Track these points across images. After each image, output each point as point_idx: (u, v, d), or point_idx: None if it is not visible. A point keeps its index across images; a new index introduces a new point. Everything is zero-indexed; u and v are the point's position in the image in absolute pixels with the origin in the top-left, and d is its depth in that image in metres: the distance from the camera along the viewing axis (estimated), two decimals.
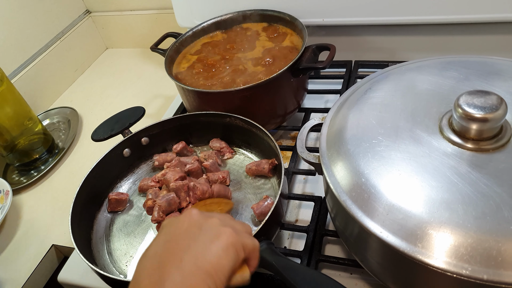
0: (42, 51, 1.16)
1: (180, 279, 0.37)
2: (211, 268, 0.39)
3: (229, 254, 0.41)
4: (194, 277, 0.37)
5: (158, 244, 0.42)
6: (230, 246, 0.41)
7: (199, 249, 0.40)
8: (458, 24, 0.87)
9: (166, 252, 0.40)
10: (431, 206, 0.44)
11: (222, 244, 0.41)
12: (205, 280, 0.38)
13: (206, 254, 0.40)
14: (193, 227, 0.43)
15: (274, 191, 0.72)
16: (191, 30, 0.93)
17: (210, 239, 0.41)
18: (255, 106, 0.78)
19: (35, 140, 0.98)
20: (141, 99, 1.10)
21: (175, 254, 0.40)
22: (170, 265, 0.38)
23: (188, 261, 0.39)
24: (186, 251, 0.40)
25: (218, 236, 0.42)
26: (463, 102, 0.47)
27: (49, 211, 0.87)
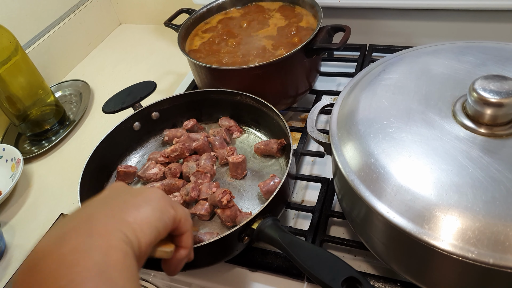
0: (56, 23, 1.16)
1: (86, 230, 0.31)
2: (130, 218, 0.34)
3: (155, 204, 0.36)
4: (107, 225, 0.32)
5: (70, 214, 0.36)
6: (157, 199, 0.37)
7: (118, 204, 0.36)
8: (477, 10, 0.84)
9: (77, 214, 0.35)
10: (440, 188, 0.43)
11: (147, 196, 0.37)
12: (121, 228, 0.32)
13: (126, 206, 0.35)
14: (115, 191, 0.39)
15: (282, 171, 0.72)
16: (206, 6, 0.92)
17: (133, 195, 0.37)
18: (266, 85, 0.78)
19: (47, 111, 0.99)
20: (153, 75, 1.10)
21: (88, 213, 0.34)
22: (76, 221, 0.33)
23: (102, 215, 0.33)
24: (102, 208, 0.35)
25: (142, 193, 0.38)
26: (478, 86, 0.47)
27: (59, 181, 0.88)
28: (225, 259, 0.60)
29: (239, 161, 0.70)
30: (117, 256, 0.29)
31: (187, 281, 0.64)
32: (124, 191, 0.38)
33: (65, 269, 0.27)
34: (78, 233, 0.30)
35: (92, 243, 0.29)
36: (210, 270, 0.63)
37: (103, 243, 0.30)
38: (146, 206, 0.35)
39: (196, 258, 0.58)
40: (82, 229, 0.31)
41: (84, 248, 0.28)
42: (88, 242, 0.29)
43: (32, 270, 0.28)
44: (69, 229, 0.31)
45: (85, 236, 0.30)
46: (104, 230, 0.31)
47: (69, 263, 0.27)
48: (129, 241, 0.31)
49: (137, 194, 0.37)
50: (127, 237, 0.31)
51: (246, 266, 0.63)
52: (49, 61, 1.14)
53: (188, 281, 0.64)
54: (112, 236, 0.31)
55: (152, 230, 0.34)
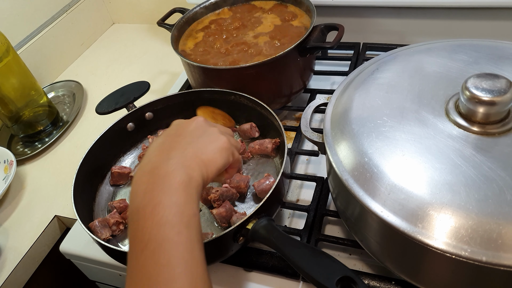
0: (48, 23, 1.15)
1: (182, 159, 0.46)
2: (206, 160, 0.48)
3: (222, 155, 0.50)
4: (193, 161, 0.46)
5: (168, 135, 0.50)
6: (224, 150, 0.50)
7: (200, 145, 0.49)
8: (470, 8, 0.85)
9: (174, 142, 0.49)
10: (433, 187, 0.44)
11: (218, 146, 0.50)
12: (200, 166, 0.46)
13: (205, 150, 0.49)
14: (198, 129, 0.51)
15: (276, 170, 0.72)
16: (199, 6, 0.92)
17: (210, 140, 0.50)
18: (260, 84, 0.77)
19: (39, 112, 0.98)
20: (147, 74, 1.10)
21: (181, 144, 0.48)
22: (176, 150, 0.47)
23: (190, 151, 0.47)
24: (190, 144, 0.48)
25: (216, 140, 0.51)
26: (471, 84, 0.47)
27: (52, 183, 0.88)
28: (221, 260, 0.60)
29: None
30: (195, 183, 0.45)
31: None
32: (205, 131, 0.51)
33: (168, 179, 0.43)
34: (177, 161, 0.45)
35: (184, 171, 0.44)
36: None
37: (190, 172, 0.45)
38: (218, 154, 0.49)
39: None
40: (180, 158, 0.46)
41: (180, 172, 0.44)
42: (182, 169, 0.44)
43: (148, 173, 0.44)
44: (172, 156, 0.46)
45: (182, 164, 0.45)
46: (191, 165, 0.46)
47: (170, 176, 0.43)
48: (202, 176, 0.46)
49: (214, 140, 0.51)
50: (202, 173, 0.46)
51: (241, 266, 0.63)
52: (41, 62, 1.13)
53: None
54: (195, 170, 0.45)
55: (217, 170, 0.49)
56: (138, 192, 0.43)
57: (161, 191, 0.42)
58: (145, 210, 0.41)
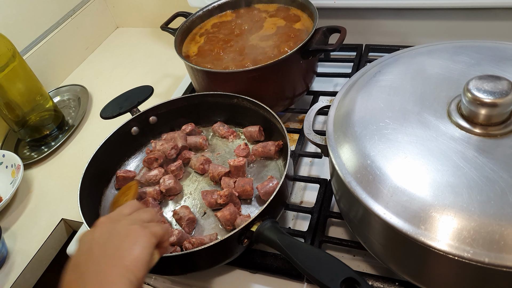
0: (53, 28, 1.16)
1: (99, 281, 0.40)
2: (128, 263, 0.42)
3: (142, 246, 0.44)
4: (113, 275, 0.41)
5: (78, 256, 0.45)
6: (141, 239, 0.44)
7: (113, 250, 0.43)
8: (472, 9, 0.85)
9: (85, 261, 0.43)
10: (435, 189, 0.44)
11: (133, 240, 0.44)
12: (124, 274, 0.41)
13: (121, 252, 0.43)
14: (104, 234, 0.46)
15: (280, 173, 0.73)
16: (202, 10, 0.93)
17: (121, 239, 0.44)
18: (263, 87, 0.78)
19: (45, 116, 0.99)
20: (151, 78, 1.11)
21: (92, 261, 0.43)
22: (89, 273, 0.41)
23: (105, 263, 0.42)
24: (102, 256, 0.43)
25: (128, 235, 0.45)
26: (472, 86, 0.47)
27: (59, 186, 0.89)
28: (225, 262, 0.61)
29: (241, 164, 0.70)
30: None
31: (188, 283, 0.65)
32: (113, 232, 0.46)
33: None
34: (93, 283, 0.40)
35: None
36: (211, 273, 0.64)
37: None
38: (136, 248, 0.43)
39: (197, 261, 0.59)
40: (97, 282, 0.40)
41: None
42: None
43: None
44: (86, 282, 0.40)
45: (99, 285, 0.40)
46: (112, 280, 0.40)
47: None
48: (131, 282, 0.40)
49: (125, 235, 0.45)
50: (130, 280, 0.41)
51: (246, 268, 0.63)
52: (47, 67, 1.14)
53: (189, 283, 0.65)
54: (120, 284, 0.40)
55: (145, 264, 0.43)
56: None
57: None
58: None
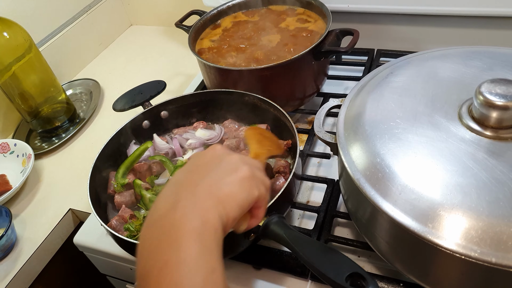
0: (69, 22, 1.18)
1: (192, 202, 0.39)
2: (223, 196, 0.40)
3: (243, 187, 0.42)
4: (206, 201, 0.39)
5: (180, 173, 0.44)
6: (244, 180, 0.42)
7: (215, 178, 0.42)
8: (485, 17, 0.85)
9: (185, 180, 0.42)
10: (444, 188, 0.44)
11: (238, 177, 0.42)
12: (216, 206, 0.39)
13: (221, 183, 0.41)
14: (214, 160, 0.44)
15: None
16: (216, 8, 0.94)
17: (228, 171, 0.43)
18: (274, 86, 0.79)
19: (58, 108, 1.00)
20: (163, 75, 1.12)
21: (192, 181, 0.41)
22: (185, 190, 0.40)
23: (202, 188, 0.40)
24: (203, 179, 0.41)
25: (236, 170, 0.43)
26: (484, 89, 0.47)
27: (68, 177, 0.90)
28: (231, 256, 0.61)
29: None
30: (211, 228, 0.37)
31: None
32: (222, 161, 0.44)
33: (175, 229, 0.36)
34: (186, 204, 0.38)
35: (195, 214, 0.37)
36: None
37: (203, 215, 0.38)
38: (237, 186, 0.42)
39: None
40: (189, 201, 0.39)
41: (189, 216, 0.37)
42: (192, 213, 0.38)
43: (153, 225, 0.38)
44: (180, 198, 0.39)
45: (191, 206, 0.38)
46: (204, 206, 0.39)
47: (178, 226, 0.36)
48: (220, 216, 0.39)
49: (232, 170, 0.43)
50: (220, 213, 0.39)
51: (251, 263, 0.64)
52: (61, 60, 1.16)
53: None
54: (209, 211, 0.38)
55: (238, 208, 0.41)
56: (143, 251, 0.37)
57: (168, 247, 0.35)
58: (150, 274, 0.34)
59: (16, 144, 0.92)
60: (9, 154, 0.93)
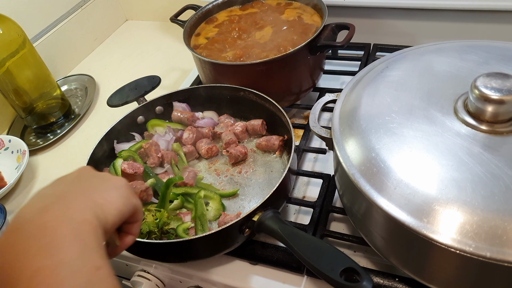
0: (64, 17, 1.17)
1: (64, 205, 0.35)
2: (100, 199, 0.37)
3: (120, 193, 0.40)
4: (80, 204, 0.36)
5: (46, 187, 0.39)
6: (121, 188, 0.40)
7: (89, 186, 0.39)
8: (482, 11, 0.85)
9: (53, 190, 0.38)
10: (439, 183, 0.44)
11: (113, 184, 0.40)
12: (92, 207, 0.36)
13: (97, 189, 0.38)
14: (84, 175, 0.42)
15: (284, 167, 0.73)
16: (211, 3, 0.93)
17: (101, 181, 0.40)
18: (270, 81, 0.78)
19: (52, 104, 1.00)
20: (158, 70, 1.11)
21: (63, 190, 0.38)
22: (54, 197, 0.36)
23: (75, 193, 0.37)
24: (74, 188, 0.38)
25: (110, 179, 0.41)
26: (480, 83, 0.47)
27: (63, 173, 0.87)
28: (226, 251, 0.61)
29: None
30: (89, 227, 0.34)
31: (188, 272, 0.65)
32: (93, 175, 0.42)
33: (46, 232, 0.32)
34: (57, 207, 0.35)
35: (69, 215, 0.34)
36: (211, 262, 0.64)
37: (78, 216, 0.35)
38: (114, 191, 0.39)
39: (197, 249, 0.59)
40: (61, 203, 0.35)
41: (62, 218, 0.34)
42: (66, 214, 0.34)
43: (16, 232, 0.33)
44: (49, 202, 0.35)
45: (63, 209, 0.35)
46: (79, 207, 0.36)
47: (50, 228, 0.33)
48: (98, 217, 0.36)
49: (106, 179, 0.41)
50: (97, 215, 0.36)
51: (246, 258, 0.63)
52: (55, 55, 1.15)
53: (188, 272, 0.65)
54: (85, 212, 0.35)
55: (117, 212, 0.38)
56: (9, 261, 0.31)
57: (40, 252, 0.31)
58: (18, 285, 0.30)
59: (10, 140, 0.92)
60: (3, 150, 0.92)
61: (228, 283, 0.62)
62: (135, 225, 0.44)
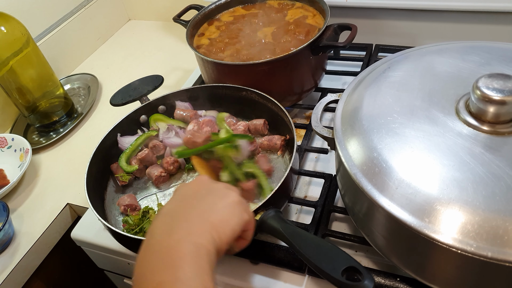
0: (67, 17, 1.18)
1: (187, 228, 0.42)
2: (216, 221, 0.43)
3: (234, 212, 0.45)
4: (199, 227, 0.42)
5: (171, 203, 0.47)
6: (235, 205, 0.46)
7: (207, 205, 0.45)
8: (484, 12, 0.85)
9: (177, 209, 0.45)
10: (441, 183, 0.44)
11: (228, 203, 0.46)
12: (210, 230, 0.42)
13: (213, 210, 0.44)
14: (202, 188, 0.48)
15: (285, 167, 0.73)
16: (214, 3, 0.93)
17: (217, 198, 0.46)
18: (272, 81, 0.78)
19: (55, 103, 1.00)
20: (161, 70, 1.11)
21: (185, 209, 0.45)
22: (179, 218, 0.44)
23: (196, 214, 0.43)
24: (195, 207, 0.45)
25: (225, 196, 0.47)
26: (482, 84, 0.47)
27: (66, 172, 0.89)
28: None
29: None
30: (204, 250, 0.40)
31: None
32: (210, 191, 0.48)
33: (171, 253, 0.39)
34: (180, 230, 0.42)
35: (190, 239, 0.41)
36: None
37: (197, 240, 0.41)
38: (228, 211, 0.45)
39: None
40: (184, 227, 0.42)
41: (184, 242, 0.40)
42: (187, 238, 0.41)
43: (149, 249, 0.41)
44: (175, 225, 0.43)
45: (185, 233, 0.41)
46: (198, 231, 0.42)
47: (174, 249, 0.40)
48: (214, 241, 0.42)
49: (221, 196, 0.47)
50: (213, 238, 0.42)
51: (248, 258, 0.64)
52: (59, 54, 1.16)
53: None
54: (203, 236, 0.42)
55: (231, 232, 0.44)
56: (139, 274, 0.40)
57: (164, 268, 0.38)
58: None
59: (13, 138, 0.92)
60: (6, 148, 0.92)
61: (229, 282, 0.63)
62: (248, 232, 0.50)
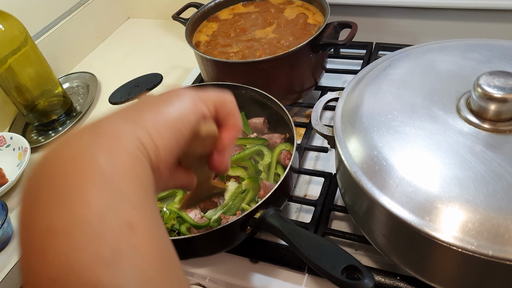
0: (66, 15, 1.17)
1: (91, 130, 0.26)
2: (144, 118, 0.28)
3: (175, 103, 0.29)
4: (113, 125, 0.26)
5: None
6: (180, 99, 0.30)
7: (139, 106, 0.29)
8: (485, 10, 0.85)
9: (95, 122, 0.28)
10: (442, 181, 0.44)
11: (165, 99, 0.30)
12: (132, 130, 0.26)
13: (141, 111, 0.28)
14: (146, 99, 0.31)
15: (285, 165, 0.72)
16: (213, 1, 0.93)
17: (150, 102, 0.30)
18: (272, 79, 0.78)
19: (54, 102, 1.00)
20: (160, 69, 1.11)
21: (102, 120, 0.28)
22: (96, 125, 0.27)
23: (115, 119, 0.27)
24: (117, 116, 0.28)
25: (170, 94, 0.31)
26: (483, 81, 0.47)
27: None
28: (227, 249, 0.61)
29: None
30: (125, 162, 0.24)
31: (189, 270, 0.65)
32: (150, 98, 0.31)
33: (65, 175, 0.23)
34: (82, 135, 0.25)
35: (97, 145, 0.24)
36: (212, 260, 0.64)
37: (109, 145, 0.25)
38: (165, 106, 0.29)
39: (198, 247, 0.59)
40: (87, 131, 0.26)
41: (87, 151, 0.24)
42: (92, 144, 0.24)
43: (36, 176, 0.25)
44: (74, 132, 0.26)
45: (89, 136, 0.25)
46: (111, 131, 0.25)
47: (70, 168, 0.23)
48: (142, 145, 0.26)
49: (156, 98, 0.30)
50: (140, 140, 0.26)
51: (247, 256, 0.63)
52: (57, 53, 1.15)
53: (189, 270, 0.65)
54: (121, 138, 0.25)
55: (171, 132, 0.28)
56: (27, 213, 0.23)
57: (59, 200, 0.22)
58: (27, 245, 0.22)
59: (12, 137, 0.92)
60: (5, 147, 0.92)
61: (229, 281, 0.62)
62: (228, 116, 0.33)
